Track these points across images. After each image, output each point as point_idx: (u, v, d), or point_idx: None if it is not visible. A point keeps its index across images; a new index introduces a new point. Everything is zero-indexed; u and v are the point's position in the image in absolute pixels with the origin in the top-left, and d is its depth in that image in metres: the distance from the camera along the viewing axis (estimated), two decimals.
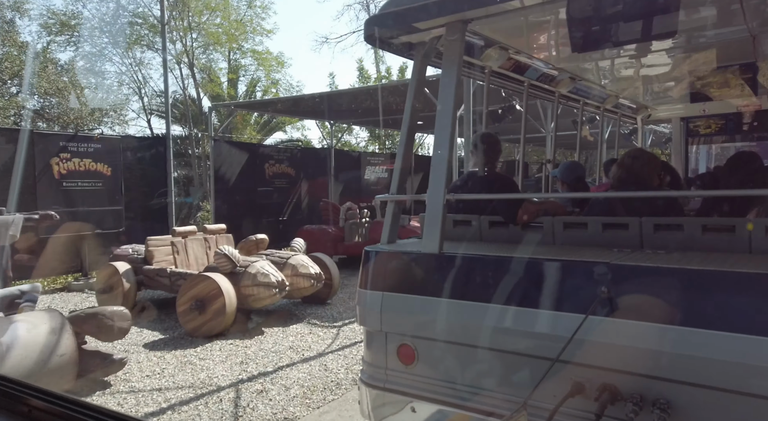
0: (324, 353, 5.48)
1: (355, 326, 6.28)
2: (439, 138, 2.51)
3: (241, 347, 5.68)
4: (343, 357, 5.34)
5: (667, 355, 1.82)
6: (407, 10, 2.47)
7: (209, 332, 5.94)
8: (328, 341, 5.87)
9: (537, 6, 2.41)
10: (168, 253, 7.39)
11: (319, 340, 5.93)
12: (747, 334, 1.70)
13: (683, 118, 6.18)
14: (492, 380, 2.22)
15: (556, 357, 1.92)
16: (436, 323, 2.34)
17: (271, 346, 5.72)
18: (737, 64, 4.03)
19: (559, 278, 2.09)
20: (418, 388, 2.40)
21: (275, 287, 6.12)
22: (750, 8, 2.61)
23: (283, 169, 13.29)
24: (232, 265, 6.19)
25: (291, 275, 6.53)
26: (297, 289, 6.63)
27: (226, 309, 5.83)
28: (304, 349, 5.63)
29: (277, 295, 6.17)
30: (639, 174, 2.72)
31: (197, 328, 6.00)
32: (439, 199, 2.42)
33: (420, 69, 2.78)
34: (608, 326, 1.91)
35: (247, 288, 6.08)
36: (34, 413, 0.93)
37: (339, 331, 6.28)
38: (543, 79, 4.08)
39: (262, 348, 5.65)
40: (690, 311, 1.82)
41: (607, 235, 2.41)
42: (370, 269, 2.57)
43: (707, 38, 3.30)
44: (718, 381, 1.75)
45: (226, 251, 6.22)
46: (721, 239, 2.19)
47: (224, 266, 6.19)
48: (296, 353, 5.51)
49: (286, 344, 5.77)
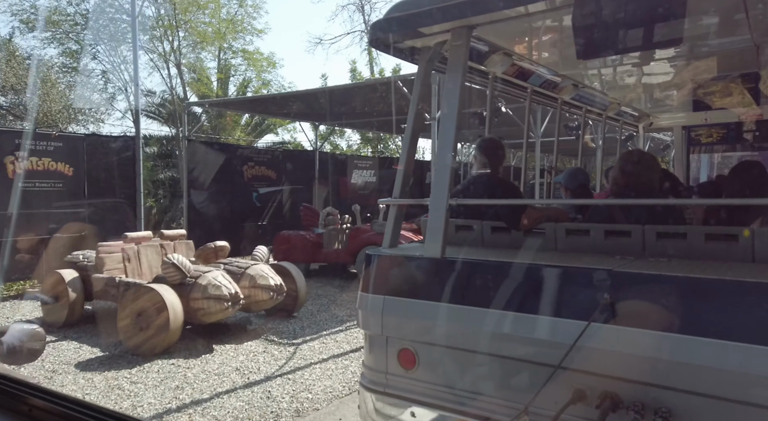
0: (272, 377, 5.02)
1: (314, 344, 5.96)
2: (443, 143, 2.52)
3: (183, 368, 5.20)
4: (292, 382, 4.86)
5: (669, 363, 1.81)
6: (412, 15, 2.47)
7: (152, 349, 5.47)
8: (281, 362, 5.43)
9: (542, 13, 2.42)
10: (120, 260, 6.81)
11: (272, 360, 5.48)
12: (749, 343, 1.70)
13: (685, 126, 6.19)
14: (493, 386, 2.22)
15: (558, 364, 1.92)
16: (437, 327, 2.33)
17: (217, 367, 5.26)
18: (740, 74, 4.04)
19: (561, 285, 2.08)
20: (418, 393, 2.39)
21: (227, 300, 5.59)
22: (754, 18, 2.62)
23: (263, 172, 12.77)
24: (182, 275, 5.66)
25: (248, 287, 6.02)
26: (255, 302, 6.12)
27: (170, 325, 5.34)
28: (252, 371, 5.18)
29: (229, 309, 5.66)
30: (639, 179, 2.71)
31: (139, 345, 5.52)
32: (442, 203, 2.42)
33: (424, 74, 2.78)
34: (610, 333, 1.90)
35: (196, 301, 5.57)
36: (35, 412, 0.93)
37: (296, 350, 5.82)
38: (546, 86, 4.09)
39: (205, 370, 5.18)
40: (692, 320, 1.81)
41: (609, 242, 2.41)
42: (372, 273, 2.56)
43: (710, 47, 3.30)
44: (720, 390, 1.74)
45: (175, 259, 5.69)
46: (723, 247, 2.19)
47: (172, 277, 5.67)
48: (242, 375, 5.06)
49: (234, 365, 5.32)
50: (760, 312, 1.74)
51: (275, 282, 6.20)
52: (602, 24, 2.16)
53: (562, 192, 4.16)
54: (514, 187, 3.40)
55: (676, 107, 5.59)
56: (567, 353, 1.88)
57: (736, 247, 2.15)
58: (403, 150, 2.86)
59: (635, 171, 2.71)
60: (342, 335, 6.37)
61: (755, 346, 1.68)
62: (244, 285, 5.99)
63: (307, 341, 6.13)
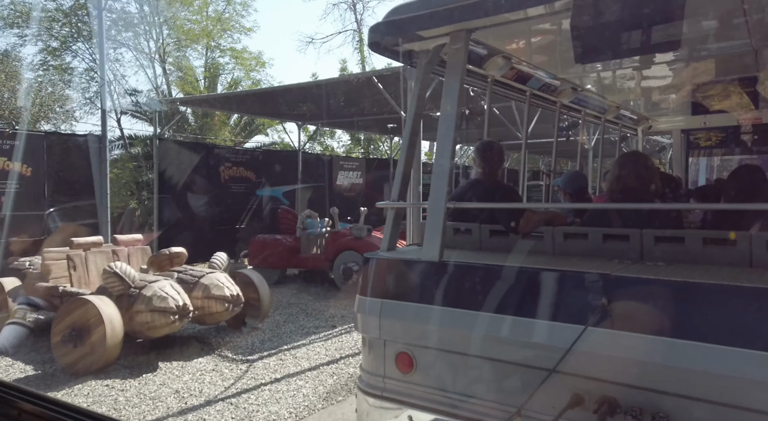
0: (213, 401, 4.48)
1: (270, 361, 5.47)
2: (441, 146, 2.52)
3: (116, 391, 4.65)
4: (234, 408, 4.34)
5: (667, 368, 1.81)
6: (412, 19, 2.47)
7: (87, 368, 4.94)
8: (229, 382, 4.93)
9: (540, 16, 2.42)
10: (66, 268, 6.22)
11: (219, 380, 4.96)
12: (747, 348, 1.69)
13: (684, 130, 6.20)
14: (491, 390, 2.21)
15: (553, 367, 1.92)
16: (435, 331, 2.33)
17: (155, 389, 4.72)
18: (739, 78, 4.05)
19: (559, 289, 2.08)
20: (415, 396, 2.38)
21: (174, 313, 5.09)
22: (753, 22, 2.63)
23: (241, 173, 12.06)
24: (125, 285, 5.19)
25: (201, 298, 5.55)
26: (209, 314, 5.65)
27: (108, 341, 4.82)
28: (193, 394, 4.62)
29: (176, 322, 5.17)
30: (636, 182, 2.69)
31: (73, 363, 5.00)
32: (440, 206, 2.42)
33: (423, 77, 2.78)
34: (608, 337, 1.90)
35: (140, 314, 5.09)
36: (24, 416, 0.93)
37: (249, 368, 5.29)
38: (545, 89, 4.09)
39: (140, 392, 4.63)
40: (690, 325, 1.81)
41: (607, 246, 2.41)
42: (369, 276, 2.56)
43: (709, 51, 3.31)
44: (718, 395, 1.74)
45: (117, 268, 5.22)
46: (721, 252, 2.19)
47: (114, 287, 5.19)
48: (180, 399, 4.51)
49: (175, 387, 4.76)
50: (757, 317, 1.73)
51: (231, 292, 5.72)
52: (601, 28, 2.17)
53: (561, 195, 4.15)
54: (512, 191, 3.40)
55: (675, 110, 5.60)
56: (563, 356, 1.87)
57: (734, 251, 2.15)
58: (401, 152, 2.86)
59: (632, 174, 2.71)
60: (303, 350, 5.86)
61: (753, 351, 1.68)
62: (196, 296, 5.53)
63: (264, 357, 5.59)
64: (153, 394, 4.65)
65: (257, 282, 6.47)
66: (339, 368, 5.29)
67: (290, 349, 5.89)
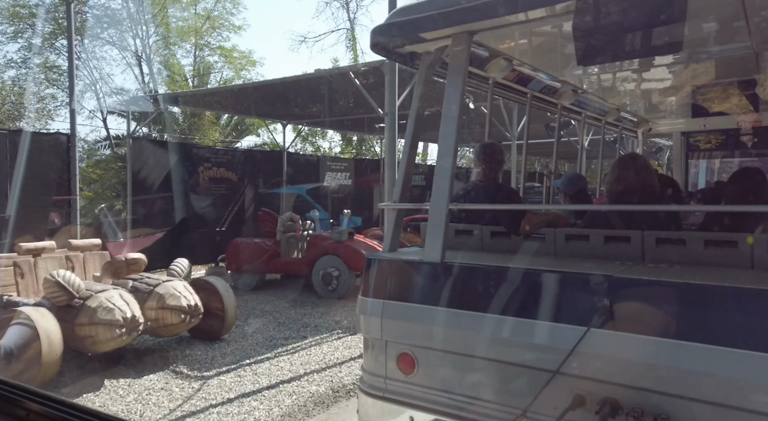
0: None
1: (227, 378, 5.06)
2: (443, 148, 2.52)
3: None
4: None
5: (668, 369, 1.82)
6: (414, 20, 2.48)
7: None
8: (176, 403, 4.51)
9: (542, 19, 2.43)
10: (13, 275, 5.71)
11: (166, 400, 4.54)
12: (748, 350, 1.70)
13: (684, 132, 6.21)
14: (492, 391, 2.21)
15: (557, 369, 1.92)
16: (436, 332, 2.33)
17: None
18: (739, 81, 4.06)
19: (561, 290, 2.09)
20: (417, 397, 2.38)
21: (120, 326, 4.67)
22: (754, 25, 2.64)
23: (222, 174, 11.54)
24: (68, 296, 4.79)
25: (156, 308, 5.16)
26: (163, 326, 5.26)
27: (43, 357, 4.40)
28: (133, 418, 4.30)
29: (123, 336, 4.74)
30: (635, 184, 2.70)
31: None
32: (442, 208, 2.43)
33: (425, 79, 2.79)
34: (610, 339, 1.90)
35: (83, 327, 4.67)
36: (32, 416, 0.93)
37: (203, 386, 4.84)
38: (545, 92, 4.10)
39: None
40: (691, 326, 1.82)
41: (608, 247, 2.41)
42: (371, 277, 2.57)
43: (710, 54, 3.32)
44: (719, 397, 1.74)
45: (60, 276, 4.82)
46: (723, 253, 2.19)
47: (56, 298, 4.80)
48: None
49: (115, 408, 4.40)
50: (759, 319, 1.74)
51: (189, 302, 5.28)
52: (602, 30, 2.18)
53: (561, 197, 4.16)
54: (513, 193, 3.40)
55: (675, 113, 5.61)
56: (566, 358, 1.88)
57: (736, 253, 2.16)
58: (403, 154, 2.86)
59: (630, 176, 2.71)
60: (266, 365, 5.40)
61: (755, 353, 1.68)
62: (150, 306, 5.15)
63: (221, 373, 5.15)
64: None
65: (222, 290, 6.04)
66: (300, 386, 4.86)
67: (252, 363, 5.46)
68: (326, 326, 6.88)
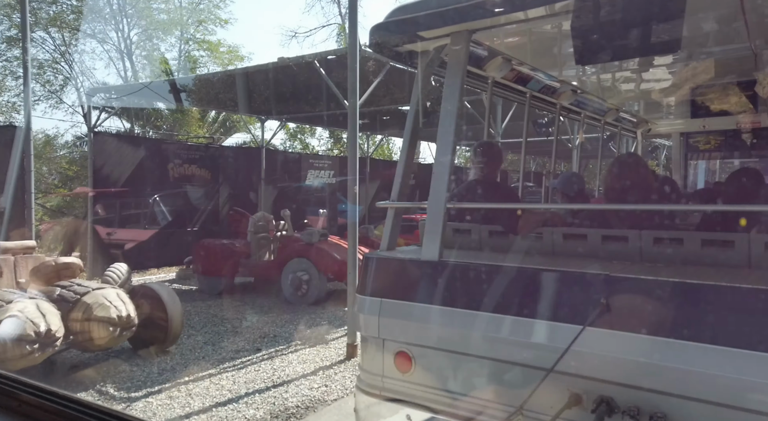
0: None
1: (157, 400, 4.55)
2: (442, 146, 2.52)
3: None
4: None
5: (665, 368, 1.82)
6: (412, 19, 2.48)
7: None
8: None
9: (541, 18, 2.43)
10: None
11: None
12: (745, 349, 1.70)
13: (683, 133, 6.21)
14: (488, 389, 2.22)
15: (551, 367, 1.92)
16: (433, 330, 2.34)
17: None
18: (738, 81, 4.06)
19: (558, 289, 2.09)
20: (414, 396, 2.39)
21: (32, 341, 4.18)
22: (753, 26, 2.64)
23: (193, 171, 10.86)
24: None
25: (81, 320, 4.67)
26: (89, 339, 4.73)
27: None
28: None
29: (35, 353, 4.25)
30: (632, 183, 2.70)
31: None
32: (440, 206, 2.43)
33: (424, 78, 2.79)
34: (606, 337, 1.91)
35: None
36: (24, 407, 0.93)
37: (125, 410, 4.31)
38: (545, 91, 4.10)
39: None
40: (688, 325, 1.82)
41: (605, 246, 2.41)
42: (369, 275, 2.57)
43: (710, 55, 3.32)
44: (715, 396, 1.74)
45: None
46: (720, 253, 2.19)
47: None
48: None
49: None
50: (755, 318, 1.74)
51: (119, 313, 4.79)
52: (601, 29, 2.18)
53: (558, 197, 4.16)
54: (511, 192, 3.40)
55: (675, 113, 5.61)
56: (561, 356, 1.88)
57: (733, 252, 2.16)
58: (402, 152, 2.87)
59: (626, 175, 2.72)
60: (205, 383, 4.88)
61: (751, 352, 1.69)
62: (75, 317, 4.67)
63: (151, 394, 4.60)
64: None
65: (165, 298, 5.51)
66: (236, 410, 4.33)
67: (190, 382, 4.91)
68: (285, 337, 6.35)
